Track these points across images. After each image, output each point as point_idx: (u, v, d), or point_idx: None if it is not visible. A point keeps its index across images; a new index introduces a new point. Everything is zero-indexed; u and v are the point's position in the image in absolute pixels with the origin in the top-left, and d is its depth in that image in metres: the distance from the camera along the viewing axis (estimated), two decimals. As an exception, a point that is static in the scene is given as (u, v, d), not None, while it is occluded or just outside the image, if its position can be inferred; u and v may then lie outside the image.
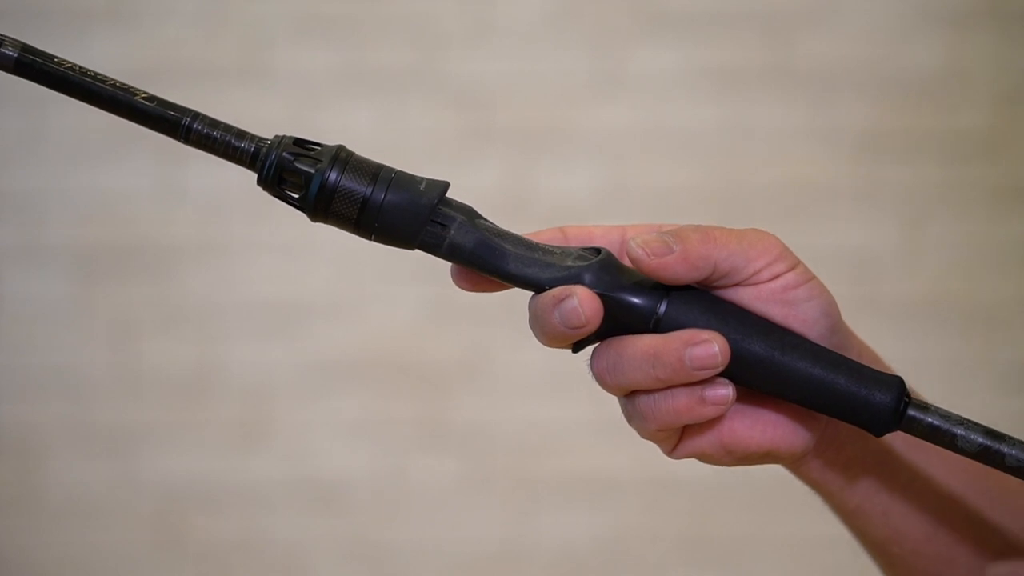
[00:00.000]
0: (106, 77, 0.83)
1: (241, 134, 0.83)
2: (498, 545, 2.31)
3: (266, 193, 0.86)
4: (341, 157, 0.82)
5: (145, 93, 0.83)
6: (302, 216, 0.89)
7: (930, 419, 0.80)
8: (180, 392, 2.28)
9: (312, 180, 0.81)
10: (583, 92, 2.26)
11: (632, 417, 0.82)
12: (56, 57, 0.82)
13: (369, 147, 0.88)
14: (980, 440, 0.80)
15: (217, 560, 2.29)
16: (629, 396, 0.82)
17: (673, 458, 0.84)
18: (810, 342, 0.81)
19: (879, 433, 0.80)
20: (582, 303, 0.79)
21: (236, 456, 2.29)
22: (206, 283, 2.28)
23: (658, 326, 0.80)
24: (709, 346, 0.79)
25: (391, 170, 0.82)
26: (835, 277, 2.42)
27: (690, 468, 2.31)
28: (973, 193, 2.30)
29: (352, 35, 2.27)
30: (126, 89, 0.83)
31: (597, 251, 0.81)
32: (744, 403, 0.82)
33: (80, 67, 0.82)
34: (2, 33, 0.81)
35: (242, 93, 2.24)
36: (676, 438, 0.83)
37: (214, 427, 2.28)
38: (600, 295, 0.80)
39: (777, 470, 0.99)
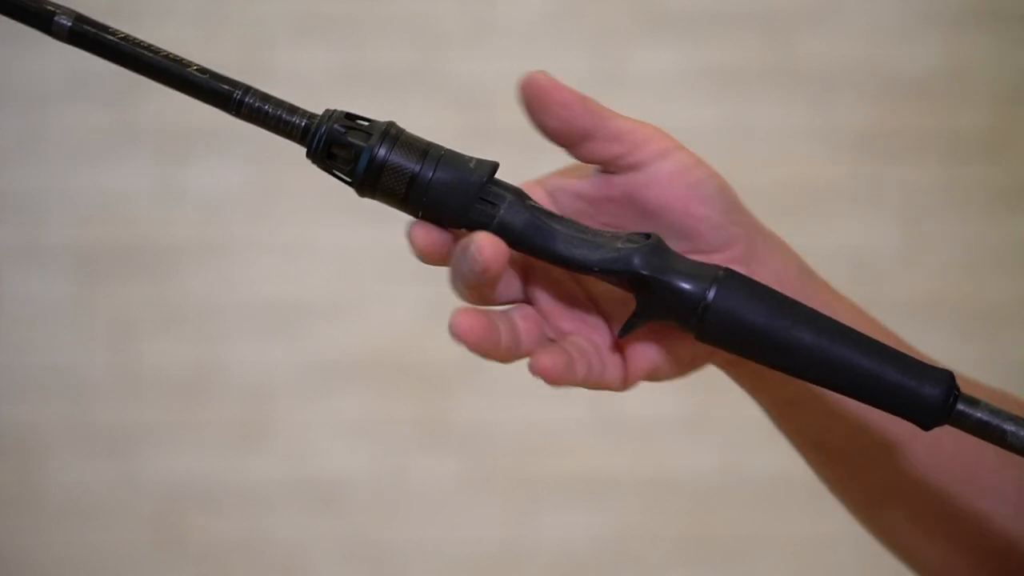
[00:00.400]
0: (159, 48, 0.82)
1: (292, 109, 0.83)
2: (498, 545, 2.30)
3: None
4: (391, 133, 0.82)
5: (197, 65, 0.82)
6: (302, 216, 0.88)
7: (979, 414, 0.79)
8: (180, 392, 2.28)
9: (362, 154, 0.81)
10: (583, 92, 2.26)
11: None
12: (110, 27, 0.82)
13: (369, 147, 0.88)
14: None
15: (217, 560, 2.29)
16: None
17: (627, 387, 0.84)
18: (858, 332, 0.81)
19: (927, 426, 0.80)
20: (480, 247, 0.79)
21: (236, 456, 2.28)
22: (206, 283, 2.28)
23: (707, 312, 0.79)
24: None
25: (440, 148, 0.82)
26: (835, 277, 2.42)
27: (690, 468, 2.31)
28: (973, 193, 2.30)
29: (352, 35, 2.27)
30: (179, 61, 0.82)
31: (647, 236, 0.81)
32: None
33: (134, 38, 0.82)
34: (56, 3, 0.82)
35: (242, 93, 2.24)
36: (621, 366, 0.83)
37: (214, 427, 2.28)
38: (649, 277, 0.79)
39: (777, 470, 1.00)
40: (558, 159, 0.84)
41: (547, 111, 0.82)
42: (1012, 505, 0.94)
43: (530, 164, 2.19)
